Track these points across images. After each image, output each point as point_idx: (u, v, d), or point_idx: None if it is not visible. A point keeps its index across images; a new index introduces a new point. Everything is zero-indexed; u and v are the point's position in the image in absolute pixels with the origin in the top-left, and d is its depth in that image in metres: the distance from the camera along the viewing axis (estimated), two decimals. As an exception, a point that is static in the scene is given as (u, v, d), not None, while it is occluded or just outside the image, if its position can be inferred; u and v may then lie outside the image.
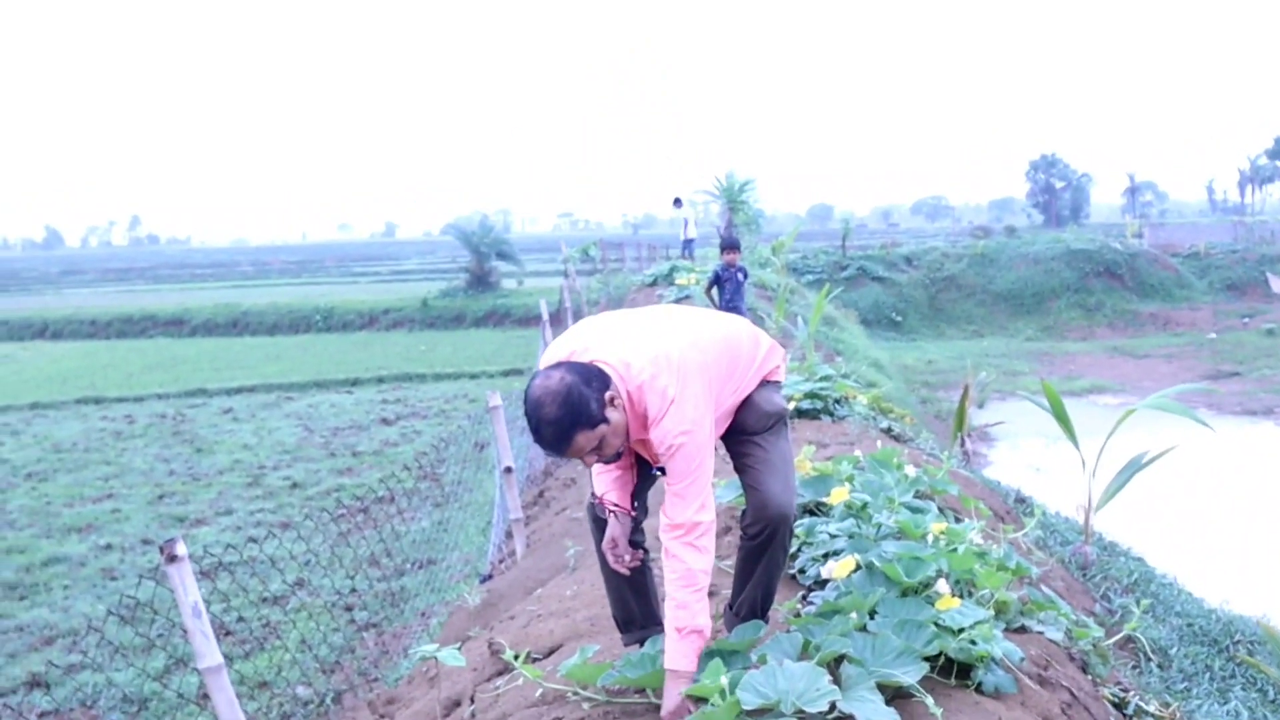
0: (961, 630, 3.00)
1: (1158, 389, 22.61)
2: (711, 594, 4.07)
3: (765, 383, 3.37)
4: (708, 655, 2.96)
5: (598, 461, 3.07)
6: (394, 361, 26.47)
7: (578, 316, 19.24)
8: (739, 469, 3.36)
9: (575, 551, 5.54)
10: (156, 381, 24.37)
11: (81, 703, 7.35)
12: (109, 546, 11.10)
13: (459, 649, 3.41)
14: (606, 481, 3.35)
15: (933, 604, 3.16)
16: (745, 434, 3.32)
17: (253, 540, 11.07)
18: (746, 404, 3.32)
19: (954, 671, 3.01)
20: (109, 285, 68.32)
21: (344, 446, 16.24)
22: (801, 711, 2.51)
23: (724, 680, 2.64)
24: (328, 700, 7.04)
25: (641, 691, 3.12)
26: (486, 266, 40.58)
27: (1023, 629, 3.67)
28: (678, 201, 27.16)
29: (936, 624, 3.01)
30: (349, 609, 8.96)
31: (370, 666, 7.62)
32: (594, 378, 2.97)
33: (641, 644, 3.30)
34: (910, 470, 4.88)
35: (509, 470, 7.19)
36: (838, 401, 7.56)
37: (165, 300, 45.78)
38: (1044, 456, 15.83)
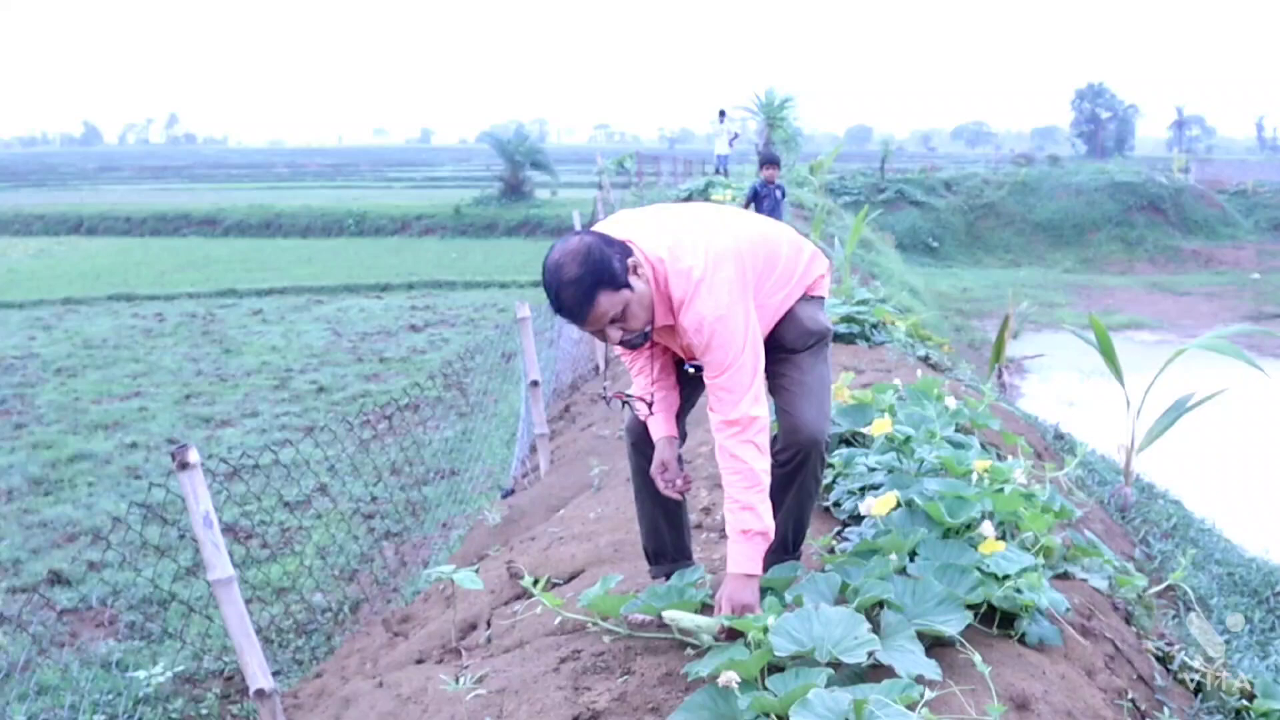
0: (1007, 577, 2.83)
1: (1197, 327, 22.33)
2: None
3: (808, 297, 3.17)
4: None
5: (624, 340, 2.86)
6: (425, 268, 26.30)
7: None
8: (773, 390, 3.17)
9: (600, 471, 5.40)
10: (188, 280, 24.32)
11: (101, 600, 7.32)
12: (134, 445, 11.06)
13: (476, 571, 3.28)
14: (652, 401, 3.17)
15: (976, 547, 2.99)
16: (782, 351, 3.12)
17: (275, 447, 11.04)
18: (787, 317, 3.12)
19: (996, 620, 2.84)
20: (145, 183, 68.25)
21: (371, 352, 16.15)
22: (836, 660, 2.36)
23: (770, 620, 2.48)
24: (344, 609, 6.98)
25: (665, 625, 2.98)
26: (521, 176, 40.20)
27: (1065, 575, 3.51)
28: (722, 114, 26.70)
29: (980, 569, 2.84)
30: (369, 517, 8.89)
31: (389, 577, 7.56)
32: (615, 243, 2.80)
33: (669, 578, 3.15)
34: (951, 402, 4.69)
35: (535, 384, 7.05)
36: (875, 326, 7.36)
37: (200, 199, 45.65)
38: (1078, 391, 15.59)
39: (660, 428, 3.15)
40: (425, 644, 3.59)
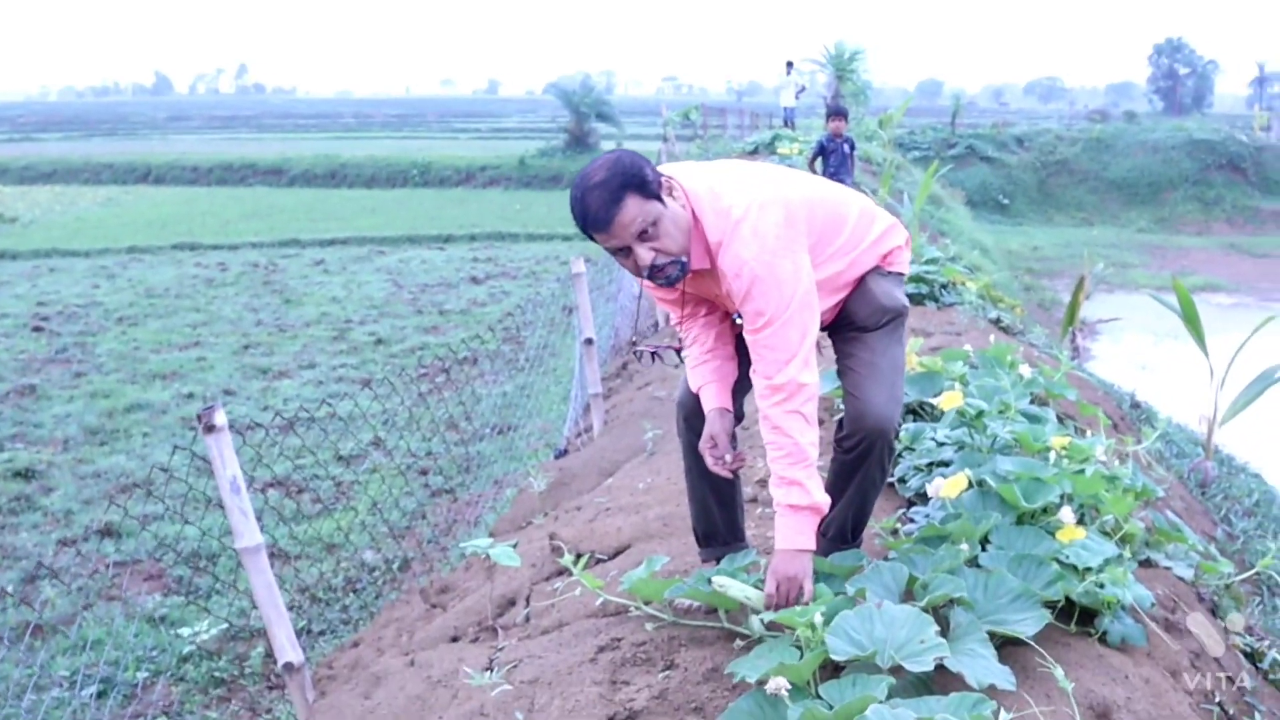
0: (1088, 569, 2.58)
1: (1275, 290, 21.58)
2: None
3: (882, 271, 2.90)
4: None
5: (657, 266, 2.57)
6: (488, 219, 26.14)
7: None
8: (841, 370, 2.90)
9: (653, 435, 5.18)
10: (252, 230, 24.37)
11: (150, 554, 7.26)
12: (191, 395, 11.03)
13: (515, 545, 3.08)
14: (706, 372, 2.90)
15: (1053, 533, 2.73)
16: (853, 328, 2.85)
17: (331, 399, 10.97)
18: (858, 291, 2.85)
19: (1074, 617, 2.59)
20: (213, 133, 68.75)
21: (431, 304, 16.05)
22: (898, 665, 2.12)
23: (817, 617, 2.23)
24: (394, 568, 6.87)
25: (713, 612, 2.75)
26: (586, 127, 39.88)
27: (1147, 563, 3.24)
28: (789, 65, 26.20)
29: (1059, 560, 2.58)
30: (424, 473, 8.77)
31: (439, 535, 7.44)
32: (650, 164, 2.57)
33: (719, 561, 2.91)
34: (1025, 370, 4.41)
35: (589, 342, 6.84)
36: (944, 287, 7.05)
37: (267, 149, 45.79)
38: (1152, 355, 15.10)
39: (713, 400, 2.89)
40: (461, 619, 3.42)
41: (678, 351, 2.91)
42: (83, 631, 6.18)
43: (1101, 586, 2.54)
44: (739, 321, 2.75)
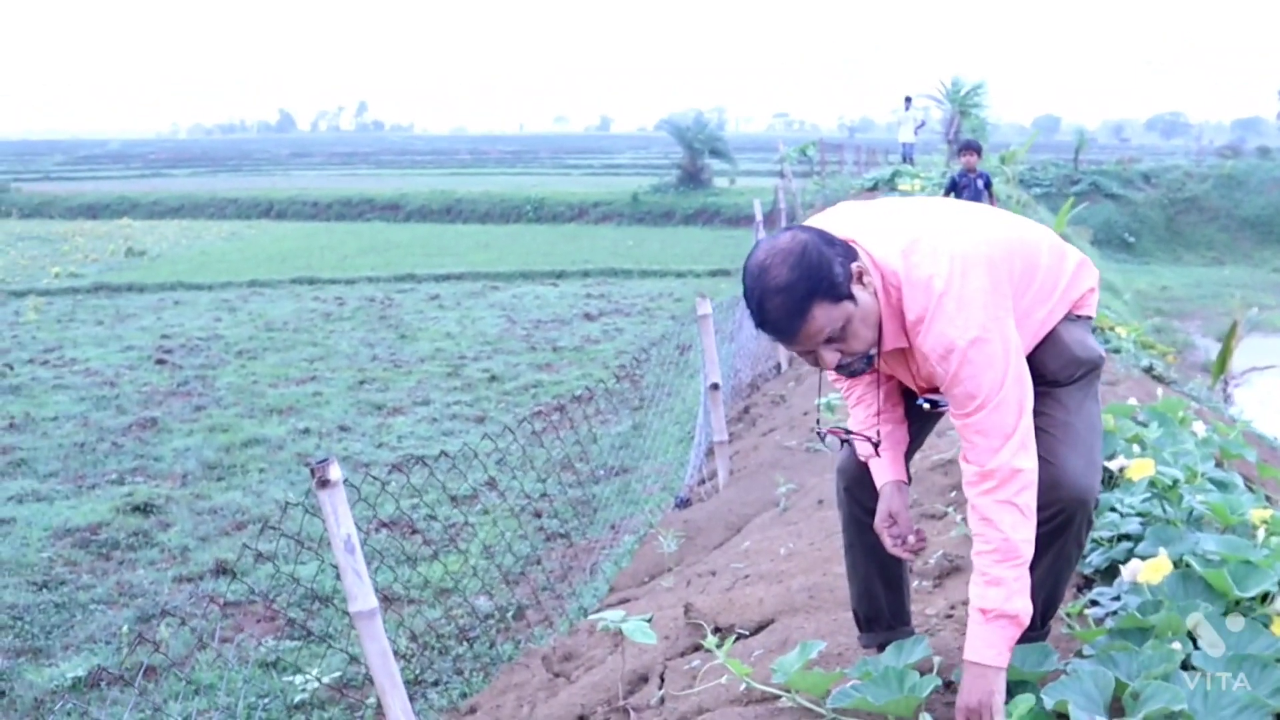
0: (1319, 675, 2.21)
1: None
2: (949, 575, 3.36)
3: (1073, 317, 2.56)
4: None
5: (843, 365, 2.33)
6: (601, 256, 26.07)
7: (792, 218, 18.40)
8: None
9: (786, 489, 4.88)
10: (369, 264, 24.63)
11: (265, 594, 7.15)
12: (307, 431, 11.01)
13: (650, 621, 2.80)
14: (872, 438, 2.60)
15: (1266, 626, 2.38)
16: (1043, 384, 2.48)
17: (445, 436, 10.85)
18: (1049, 341, 2.51)
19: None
20: (334, 169, 70.22)
21: (545, 340, 15.93)
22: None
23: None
24: (508, 616, 6.65)
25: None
26: (699, 163, 39.74)
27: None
28: (908, 100, 25.77)
29: (1283, 662, 2.23)
30: (538, 515, 8.56)
31: (556, 581, 7.21)
32: (836, 242, 2.27)
33: (882, 649, 2.59)
34: (1199, 428, 4.03)
35: (715, 387, 6.55)
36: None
37: (384, 185, 46.57)
38: (1294, 402, 14.33)
39: (886, 471, 2.59)
40: (588, 696, 3.15)
41: (875, 445, 2.58)
42: (196, 674, 6.08)
43: (1337, 695, 2.17)
44: (925, 406, 2.48)
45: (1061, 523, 2.43)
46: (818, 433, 2.62)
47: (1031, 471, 2.29)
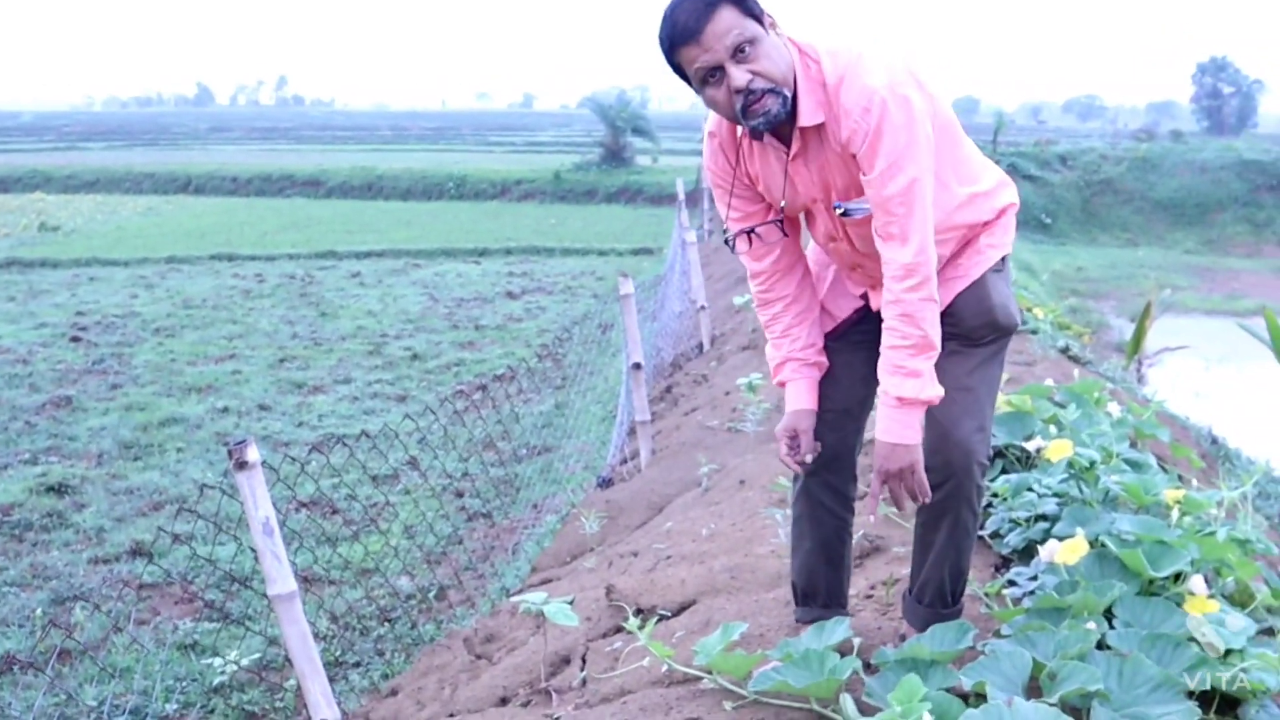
0: (1229, 651, 2.27)
1: (1332, 314, 21.07)
2: (869, 555, 3.39)
3: (1000, 271, 2.56)
4: (898, 665, 2.27)
5: (754, 89, 2.24)
6: (523, 233, 25.95)
7: (714, 197, 18.44)
8: None
9: (708, 469, 4.89)
10: (289, 241, 24.27)
11: (182, 576, 7.02)
12: (225, 410, 10.84)
13: (571, 602, 2.79)
14: (795, 360, 2.64)
15: (1179, 605, 2.43)
16: (954, 337, 2.49)
17: (365, 415, 10.74)
18: (976, 286, 2.51)
19: (1214, 705, 2.27)
20: (253, 143, 68.96)
21: (467, 319, 15.82)
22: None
23: (927, 716, 1.92)
24: (429, 596, 6.61)
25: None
26: (622, 142, 39.63)
27: (1270, 631, 2.92)
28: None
29: (1197, 641, 2.28)
30: (460, 495, 8.52)
31: (478, 561, 7.18)
32: None
33: (811, 625, 2.61)
34: (1114, 409, 4.11)
35: (637, 366, 6.55)
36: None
37: (305, 160, 45.85)
38: (1204, 381, 14.66)
39: (802, 396, 2.62)
40: (510, 678, 3.14)
41: (779, 225, 2.55)
42: (111, 657, 5.96)
43: (1246, 670, 2.23)
44: (841, 212, 2.43)
45: (951, 488, 2.47)
46: (726, 240, 2.61)
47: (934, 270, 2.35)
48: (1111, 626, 2.37)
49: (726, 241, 2.64)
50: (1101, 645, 2.29)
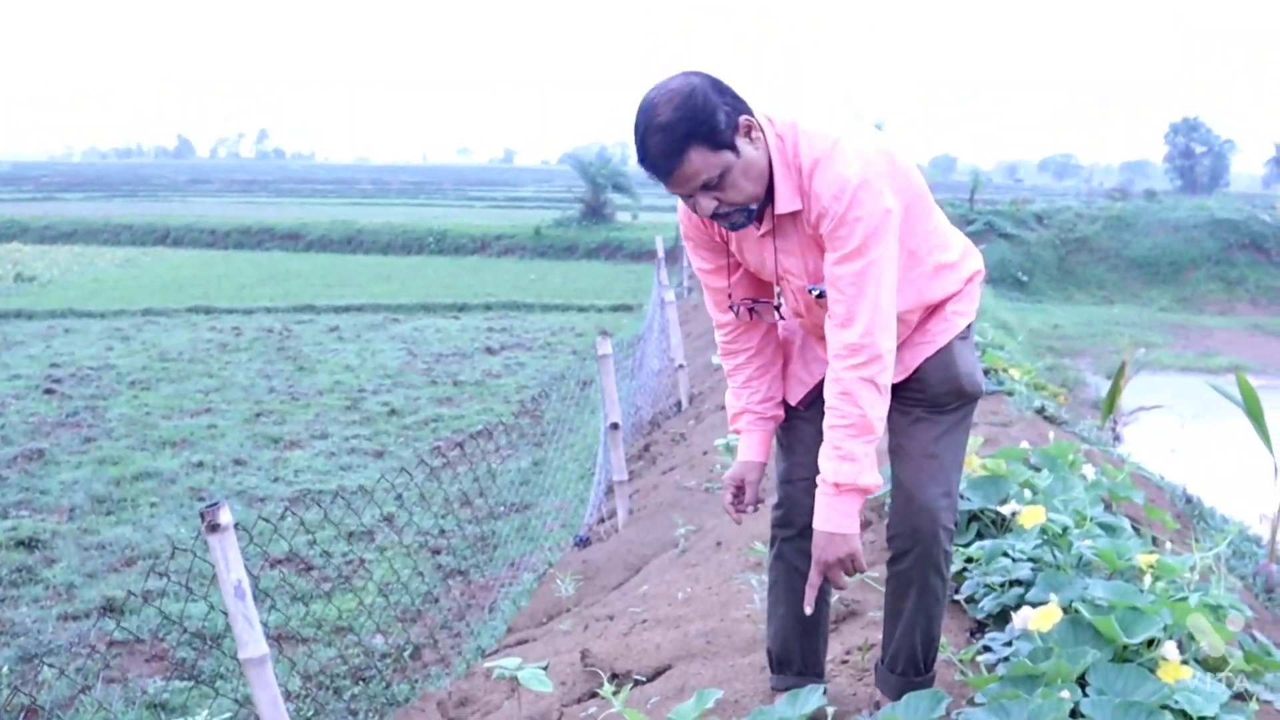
0: (1203, 718, 2.27)
1: (1302, 372, 21.19)
2: (845, 620, 3.39)
3: (964, 337, 2.60)
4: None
5: (720, 214, 2.34)
6: (503, 289, 25.99)
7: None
8: (893, 452, 2.60)
9: (685, 531, 4.89)
10: (267, 295, 24.23)
11: (153, 633, 6.94)
12: (200, 464, 10.76)
13: (545, 668, 2.78)
14: (752, 413, 2.71)
15: (1153, 671, 2.44)
16: (920, 403, 2.55)
17: (342, 470, 10.68)
18: (943, 354, 2.55)
19: (1188, 773, 2.28)
20: (233, 195, 69.07)
21: (446, 374, 15.79)
22: None
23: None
24: (404, 655, 6.56)
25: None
26: (602, 198, 39.86)
27: (1243, 696, 2.93)
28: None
29: (1169, 708, 2.29)
30: (436, 552, 8.47)
31: (453, 619, 7.13)
32: (728, 94, 2.28)
33: (785, 693, 2.60)
34: (1089, 471, 4.13)
35: (615, 426, 6.55)
36: (985, 373, 6.77)
37: (285, 214, 45.86)
38: (1179, 438, 14.73)
39: (754, 449, 2.68)
40: (484, 745, 3.12)
41: (777, 309, 2.62)
42: (79, 718, 5.87)
43: (1219, 740, 2.24)
44: (816, 294, 2.45)
45: (918, 555, 2.50)
46: (730, 306, 2.62)
47: (892, 356, 2.36)
48: (1085, 694, 2.37)
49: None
50: (1075, 713, 2.29)
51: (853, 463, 2.34)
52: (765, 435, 2.70)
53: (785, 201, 2.37)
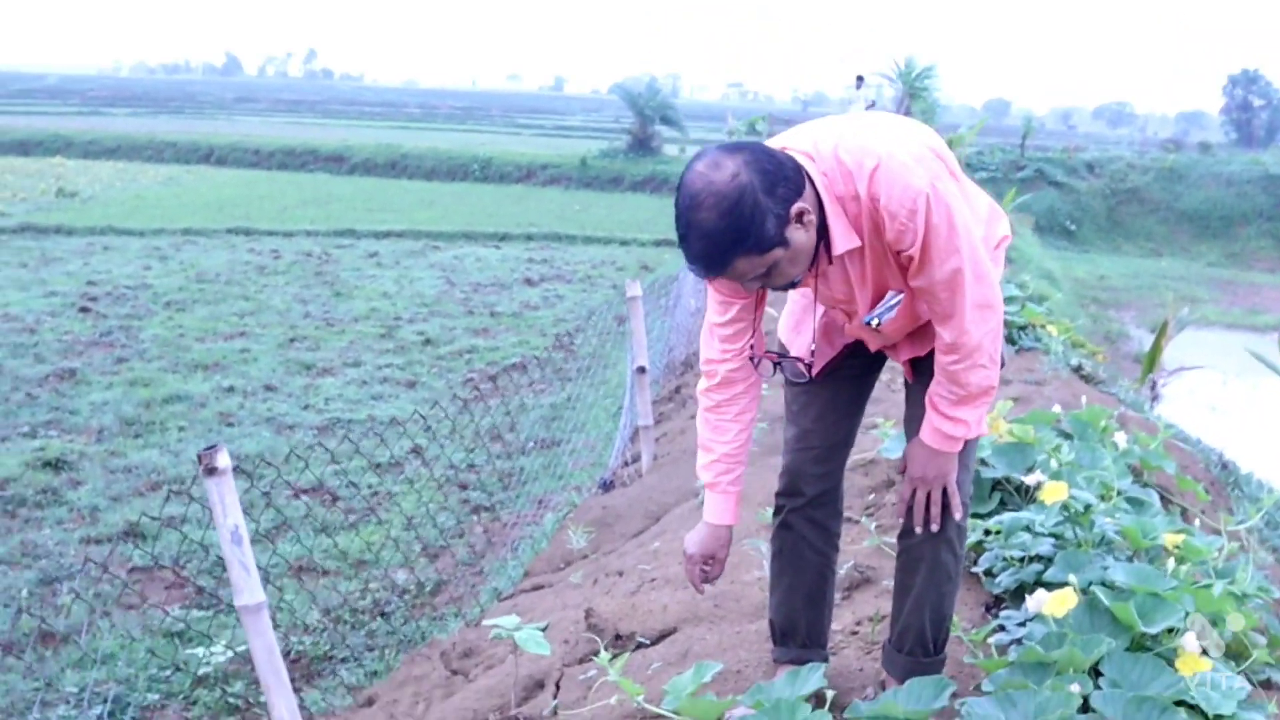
0: (1218, 717, 2.17)
1: (1353, 333, 20.81)
2: (858, 587, 3.29)
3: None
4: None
5: (763, 286, 2.27)
6: (546, 219, 25.79)
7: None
8: (909, 421, 2.50)
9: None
10: (308, 217, 24.18)
11: (174, 560, 6.94)
12: (231, 389, 10.77)
13: (544, 628, 2.70)
14: (726, 467, 2.59)
15: (1170, 661, 2.32)
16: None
17: (373, 400, 10.67)
18: None
19: (1204, 776, 2.17)
20: (279, 116, 68.92)
21: (483, 304, 15.73)
22: None
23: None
24: (425, 591, 6.54)
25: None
26: (650, 130, 39.45)
27: (1268, 684, 2.81)
28: (860, 80, 25.68)
29: (1185, 702, 2.18)
30: (463, 487, 8.44)
31: (477, 557, 7.10)
32: (780, 183, 2.09)
33: (789, 666, 2.53)
34: (1120, 438, 3.99)
35: (642, 370, 6.45)
36: (1022, 329, 6.60)
37: (330, 135, 45.70)
38: (1220, 395, 14.47)
39: (727, 510, 2.59)
40: (481, 701, 3.05)
41: (808, 367, 2.49)
42: (95, 642, 5.89)
43: (1239, 739, 2.12)
44: (875, 325, 2.35)
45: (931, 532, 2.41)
46: (751, 358, 2.49)
47: (998, 315, 2.29)
48: (1098, 685, 2.26)
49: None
50: (1086, 707, 2.19)
51: (963, 425, 2.34)
52: (738, 496, 2.61)
53: (842, 242, 2.22)
